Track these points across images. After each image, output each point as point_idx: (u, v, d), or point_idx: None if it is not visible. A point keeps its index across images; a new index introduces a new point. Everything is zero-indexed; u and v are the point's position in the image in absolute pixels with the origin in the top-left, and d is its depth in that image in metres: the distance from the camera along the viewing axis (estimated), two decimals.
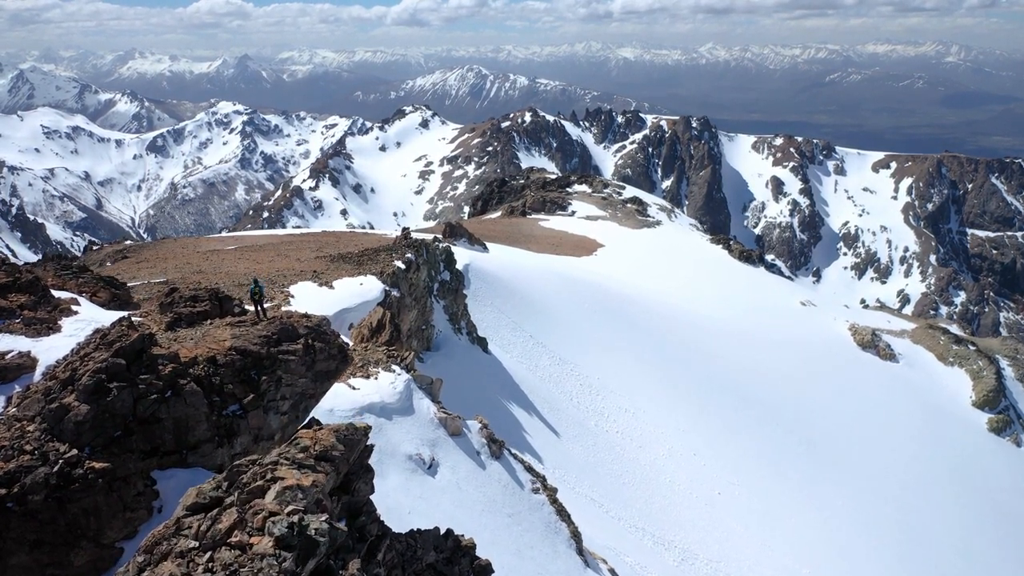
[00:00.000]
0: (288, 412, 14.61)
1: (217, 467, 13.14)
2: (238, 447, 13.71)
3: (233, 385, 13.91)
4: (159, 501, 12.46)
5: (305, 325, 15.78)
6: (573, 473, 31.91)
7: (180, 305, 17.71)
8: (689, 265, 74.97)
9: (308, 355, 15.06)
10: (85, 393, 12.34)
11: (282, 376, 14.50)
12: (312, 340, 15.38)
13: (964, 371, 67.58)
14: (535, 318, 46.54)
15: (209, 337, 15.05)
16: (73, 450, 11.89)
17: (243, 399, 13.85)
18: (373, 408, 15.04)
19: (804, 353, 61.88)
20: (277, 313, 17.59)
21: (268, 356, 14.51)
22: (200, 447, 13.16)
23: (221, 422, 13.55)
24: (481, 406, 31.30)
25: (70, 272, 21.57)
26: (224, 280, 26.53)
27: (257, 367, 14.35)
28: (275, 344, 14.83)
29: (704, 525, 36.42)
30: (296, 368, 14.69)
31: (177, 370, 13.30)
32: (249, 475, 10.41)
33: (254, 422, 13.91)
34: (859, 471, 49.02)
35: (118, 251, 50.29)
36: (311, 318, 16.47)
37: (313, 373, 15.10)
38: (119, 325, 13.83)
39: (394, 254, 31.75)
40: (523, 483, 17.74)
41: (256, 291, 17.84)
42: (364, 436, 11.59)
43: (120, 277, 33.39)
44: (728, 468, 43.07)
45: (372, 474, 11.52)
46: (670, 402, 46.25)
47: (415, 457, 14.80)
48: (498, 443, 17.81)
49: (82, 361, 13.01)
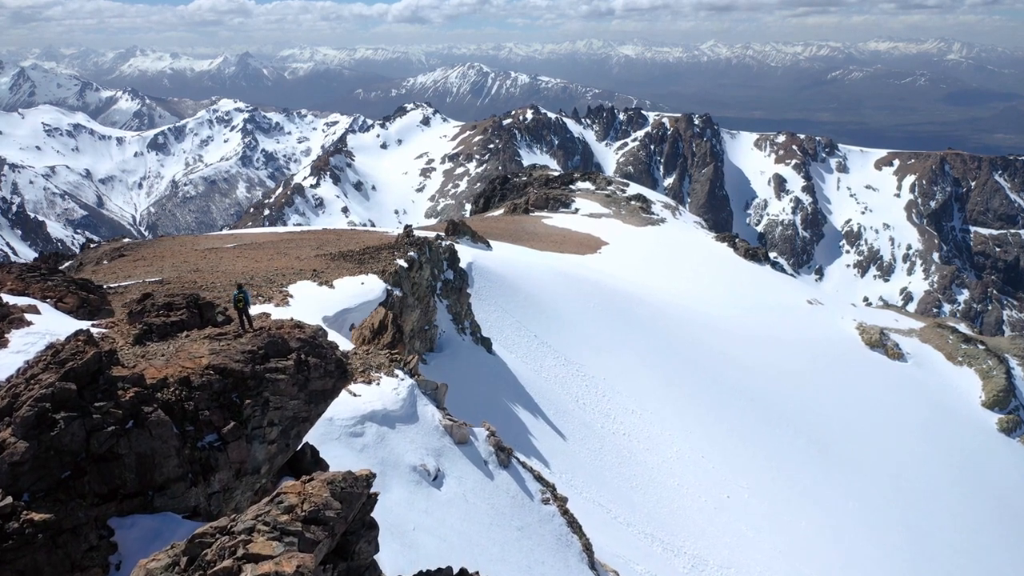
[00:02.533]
0: (277, 440, 12.70)
1: (191, 509, 11.31)
2: (216, 485, 11.85)
3: (210, 411, 12.03)
4: (117, 556, 10.38)
5: (297, 337, 13.95)
6: (580, 477, 31.09)
7: (152, 313, 15.53)
8: (695, 263, 74.09)
9: (301, 373, 13.29)
10: (24, 427, 10.09)
11: (270, 398, 12.69)
12: (305, 355, 13.56)
13: (973, 371, 66.67)
14: (540, 317, 45.70)
15: (183, 353, 13.25)
16: (7, 498, 9.63)
17: (222, 427, 11.99)
18: (375, 416, 14.15)
19: (812, 353, 61.02)
20: (265, 323, 15.74)
21: (253, 375, 12.64)
22: (169, 487, 11.16)
23: (195, 456, 11.64)
24: (486, 409, 30.47)
25: (37, 275, 19.56)
26: (221, 279, 25.70)
27: (240, 388, 12.46)
28: (261, 360, 12.99)
29: (714, 530, 35.59)
30: (286, 388, 12.88)
31: (141, 395, 11.27)
32: (214, 550, 8.37)
33: (235, 454, 12.06)
34: (868, 473, 48.18)
35: (115, 249, 49.54)
36: (304, 328, 14.68)
37: (307, 393, 13.31)
38: (75, 340, 11.68)
39: (396, 252, 30.93)
40: (532, 493, 16.89)
41: (240, 298, 15.47)
42: (366, 487, 9.86)
43: (115, 276, 32.58)
44: (737, 470, 42.24)
45: (376, 531, 9.99)
46: (677, 403, 45.42)
47: (420, 468, 13.94)
48: (506, 451, 16.96)
49: (27, 385, 10.80)
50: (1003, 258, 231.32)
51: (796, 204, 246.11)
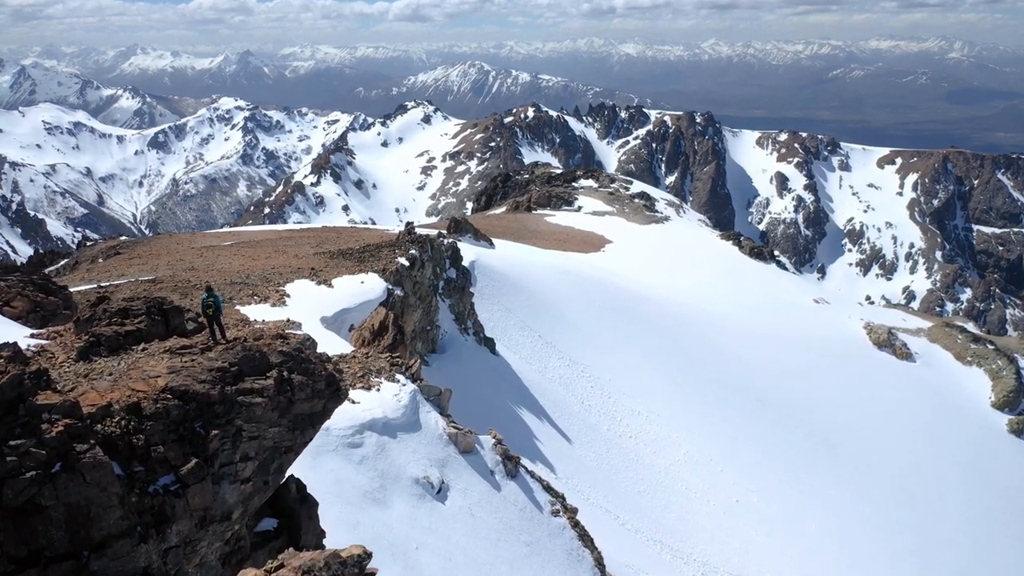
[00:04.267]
0: (253, 477, 10.15)
1: (140, 571, 8.80)
2: (174, 538, 9.37)
3: (166, 446, 9.43)
4: None
5: (279, 350, 11.42)
6: (587, 482, 30.21)
7: (102, 322, 12.41)
8: (699, 262, 73.16)
9: (283, 394, 10.77)
10: None
11: (243, 427, 10.18)
12: (289, 372, 11.04)
13: (983, 371, 65.68)
14: (543, 317, 44.80)
15: (136, 371, 10.60)
16: None
17: (181, 466, 9.43)
18: (375, 425, 13.23)
19: (819, 352, 60.10)
20: (241, 332, 13.19)
21: (222, 398, 10.06)
22: (111, 545, 8.57)
23: (145, 504, 9.10)
24: (490, 412, 29.59)
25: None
26: (216, 277, 24.79)
27: (205, 416, 9.89)
28: (233, 380, 10.44)
29: (723, 536, 34.73)
30: (265, 414, 10.39)
31: (74, 429, 8.59)
32: None
33: (198, 500, 9.50)
34: (877, 475, 47.29)
35: (111, 247, 48.66)
36: (289, 339, 12.09)
37: (290, 419, 10.82)
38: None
39: (397, 250, 29.98)
40: (542, 505, 15.99)
41: (209, 303, 12.66)
42: (357, 572, 7.99)
43: (109, 275, 31.68)
44: (745, 473, 41.37)
45: None
46: (684, 404, 44.53)
47: (423, 480, 13.03)
48: (514, 460, 16.03)
49: None
50: (1006, 257, 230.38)
51: (798, 202, 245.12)
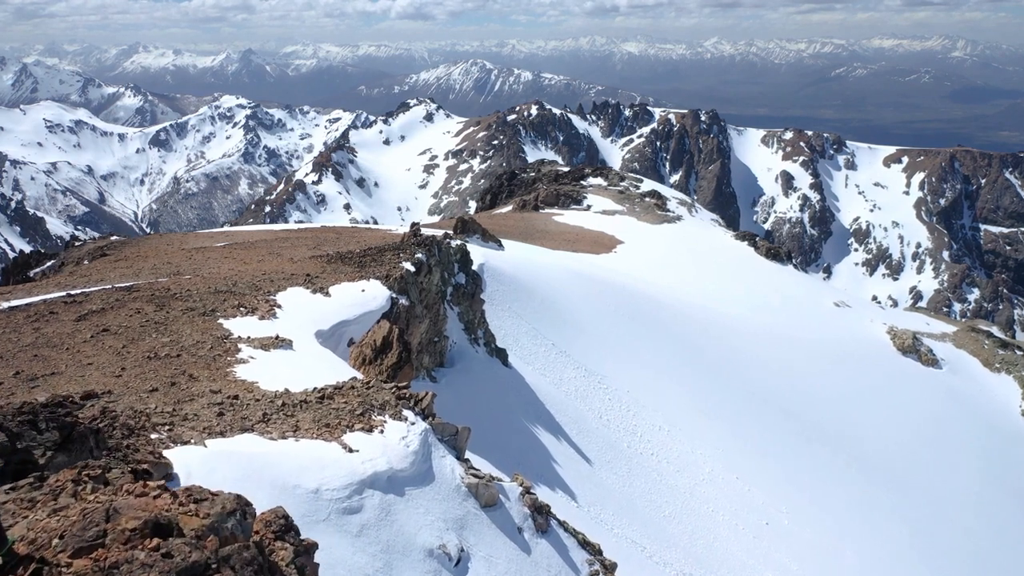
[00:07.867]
0: None
1: None
2: None
3: None
4: None
5: None
6: (610, 509, 27.38)
7: None
8: (715, 263, 70.17)
9: None
10: None
11: None
12: None
13: (1012, 378, 62.76)
14: (556, 323, 41.90)
15: None
16: None
17: None
18: (378, 480, 10.40)
19: (841, 359, 57.13)
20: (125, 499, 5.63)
21: None
22: None
23: None
24: (504, 432, 26.83)
25: None
26: (199, 285, 21.96)
27: None
28: None
29: (754, 563, 31.86)
30: None
31: None
32: None
33: None
34: (916, 493, 44.38)
35: (98, 248, 45.93)
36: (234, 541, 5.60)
37: None
38: None
39: (402, 254, 27.12)
40: (578, 567, 13.21)
41: None
42: None
43: (87, 279, 28.84)
44: (772, 492, 38.46)
45: None
46: (707, 417, 41.63)
47: (438, 551, 10.22)
48: (544, 511, 13.27)
49: None
50: (1014, 256, 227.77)
51: (804, 201, 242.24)
